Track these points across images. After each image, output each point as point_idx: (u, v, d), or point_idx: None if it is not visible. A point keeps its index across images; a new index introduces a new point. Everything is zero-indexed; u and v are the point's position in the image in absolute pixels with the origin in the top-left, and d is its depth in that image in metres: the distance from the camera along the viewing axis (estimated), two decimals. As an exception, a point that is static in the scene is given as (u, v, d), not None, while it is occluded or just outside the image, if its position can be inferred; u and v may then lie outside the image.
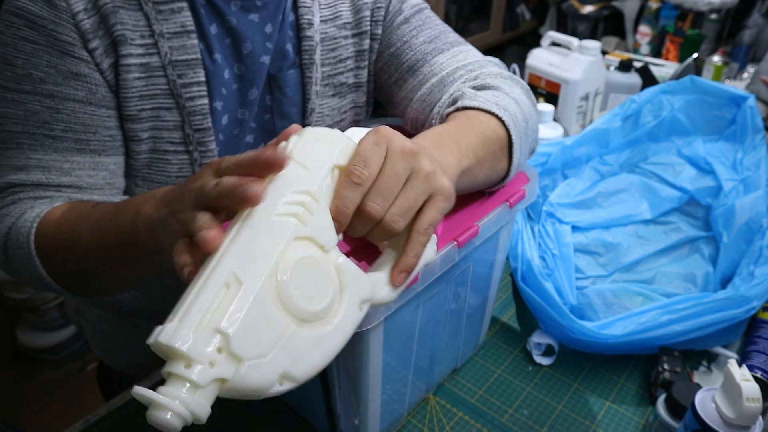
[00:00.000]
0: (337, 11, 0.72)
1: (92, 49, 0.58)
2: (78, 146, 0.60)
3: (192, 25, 0.61)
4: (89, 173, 0.62)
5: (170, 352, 0.33)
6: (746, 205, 0.83)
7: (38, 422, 1.71)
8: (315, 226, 0.38)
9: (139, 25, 0.59)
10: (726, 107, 0.97)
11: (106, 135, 0.62)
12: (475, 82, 0.66)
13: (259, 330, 0.34)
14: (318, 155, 0.41)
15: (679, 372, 0.70)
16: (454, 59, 0.70)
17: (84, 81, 0.59)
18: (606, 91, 1.37)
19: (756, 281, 0.74)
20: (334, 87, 0.75)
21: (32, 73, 0.57)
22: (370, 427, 0.62)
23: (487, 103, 0.60)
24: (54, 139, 0.59)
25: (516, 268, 0.81)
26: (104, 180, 0.63)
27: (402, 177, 0.42)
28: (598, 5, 2.21)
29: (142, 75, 0.61)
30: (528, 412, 0.71)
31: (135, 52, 0.60)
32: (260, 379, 0.33)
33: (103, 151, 0.62)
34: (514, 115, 0.61)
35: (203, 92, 0.63)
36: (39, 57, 0.57)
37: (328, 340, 0.37)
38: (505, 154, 0.60)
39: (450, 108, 0.63)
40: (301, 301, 0.36)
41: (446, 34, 0.74)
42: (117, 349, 0.86)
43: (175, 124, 0.64)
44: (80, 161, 0.61)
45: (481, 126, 0.57)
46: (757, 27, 1.74)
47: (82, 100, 0.59)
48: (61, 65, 0.58)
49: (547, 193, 0.96)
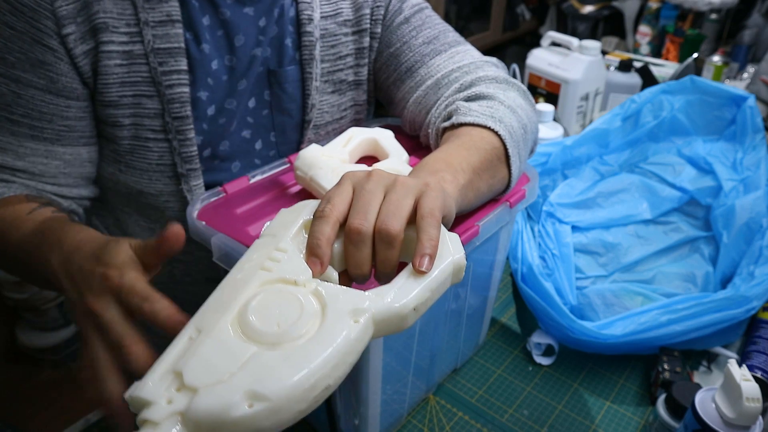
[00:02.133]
0: (337, 8, 0.72)
1: (66, 35, 0.59)
2: (32, 132, 0.62)
3: (178, 15, 0.62)
4: (42, 161, 0.63)
5: (136, 402, 0.35)
6: (746, 205, 0.83)
7: (38, 422, 1.70)
8: (283, 269, 0.40)
9: (126, 13, 0.60)
10: (726, 107, 0.97)
11: (61, 125, 0.63)
12: (469, 92, 0.65)
13: (214, 361, 0.35)
14: (286, 221, 0.43)
15: (679, 372, 0.70)
16: (450, 61, 0.70)
17: (47, 69, 0.60)
18: (606, 91, 1.37)
19: (756, 281, 0.74)
20: (334, 84, 0.75)
21: (6, 57, 0.59)
22: (370, 427, 0.62)
23: (482, 117, 0.60)
24: (12, 123, 0.61)
25: (516, 268, 0.81)
26: (57, 169, 0.64)
27: (377, 193, 0.43)
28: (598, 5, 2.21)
29: (124, 62, 0.62)
30: (528, 412, 0.71)
31: (117, 39, 0.61)
32: (218, 401, 0.33)
33: (57, 140, 0.63)
34: (510, 126, 0.61)
35: (184, 80, 0.64)
36: (14, 42, 0.59)
37: (300, 354, 0.36)
38: (504, 163, 0.60)
39: (445, 123, 0.63)
40: (263, 326, 0.36)
41: (445, 34, 0.74)
42: (116, 348, 0.86)
43: (155, 112, 0.64)
44: (34, 148, 0.62)
45: (474, 140, 0.58)
46: (757, 27, 1.74)
47: (42, 88, 0.61)
48: (30, 52, 0.59)
49: (547, 193, 0.96)
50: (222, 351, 0.35)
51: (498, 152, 0.59)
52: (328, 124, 0.77)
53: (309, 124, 0.74)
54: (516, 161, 0.60)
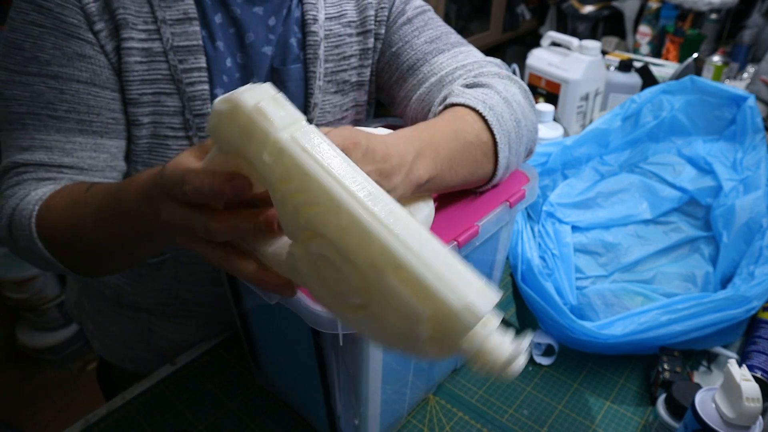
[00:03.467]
0: (342, 10, 0.73)
1: (97, 31, 0.59)
2: (80, 127, 0.61)
3: (194, 13, 0.63)
4: (91, 155, 0.62)
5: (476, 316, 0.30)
6: (746, 205, 0.83)
7: (38, 422, 1.71)
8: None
9: (143, 11, 0.61)
10: (726, 107, 0.97)
11: (109, 117, 0.62)
12: (470, 80, 0.66)
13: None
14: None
15: (679, 372, 0.70)
16: (453, 59, 0.70)
17: (88, 62, 0.60)
18: (606, 91, 1.37)
19: (756, 281, 0.74)
20: (337, 84, 0.75)
21: (38, 56, 0.59)
22: (370, 427, 0.62)
23: (473, 100, 0.60)
24: (57, 120, 0.60)
25: (516, 268, 0.81)
26: (105, 162, 0.63)
27: None
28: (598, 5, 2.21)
29: (144, 59, 0.62)
30: (528, 412, 0.71)
31: (137, 36, 0.61)
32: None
33: (105, 133, 0.63)
34: (500, 115, 0.60)
35: (204, 78, 0.64)
36: (45, 40, 0.58)
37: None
38: (490, 158, 0.60)
39: (439, 107, 0.63)
40: None
41: (448, 35, 0.74)
42: (116, 343, 0.86)
43: (175, 110, 0.64)
44: (82, 142, 0.62)
45: (464, 130, 0.57)
46: (757, 27, 1.74)
47: (86, 81, 0.60)
48: (66, 46, 0.59)
49: (547, 193, 0.96)
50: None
51: (485, 147, 0.58)
52: (330, 124, 0.77)
53: (310, 123, 0.74)
54: (504, 153, 0.60)
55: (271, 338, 0.66)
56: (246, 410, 0.70)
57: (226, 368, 0.76)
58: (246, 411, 0.70)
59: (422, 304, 0.29)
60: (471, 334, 0.31)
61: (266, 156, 0.33)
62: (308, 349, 0.56)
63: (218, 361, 0.77)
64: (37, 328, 1.84)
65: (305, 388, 0.64)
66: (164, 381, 0.74)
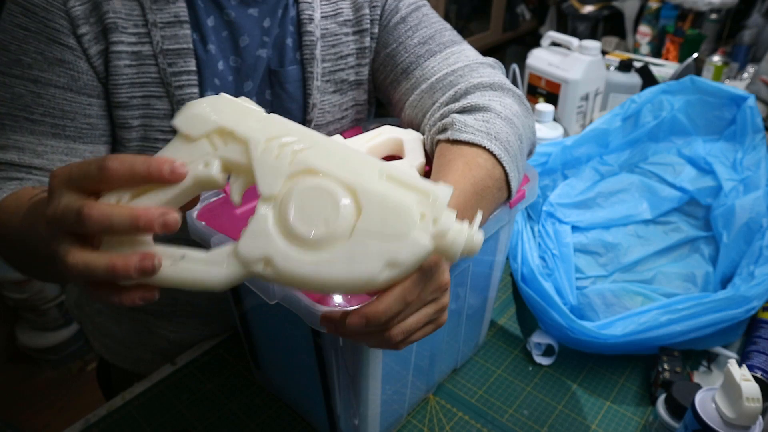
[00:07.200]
0: (337, 8, 0.72)
1: (81, 35, 0.59)
2: (54, 131, 0.62)
3: (185, 16, 0.63)
4: (62, 158, 0.63)
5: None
6: (746, 205, 0.83)
7: (38, 422, 1.71)
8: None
9: (134, 14, 0.61)
10: (726, 107, 0.97)
11: (83, 122, 0.63)
12: (464, 102, 0.63)
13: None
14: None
15: (679, 372, 0.70)
16: (445, 63, 0.69)
17: (67, 68, 0.60)
18: (606, 91, 1.37)
19: (756, 281, 0.74)
20: (335, 83, 0.75)
21: (22, 59, 0.59)
22: (370, 427, 0.62)
23: (478, 135, 0.58)
24: (32, 122, 0.61)
25: (516, 268, 0.81)
26: None
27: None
28: (598, 5, 2.21)
29: (133, 63, 0.62)
30: (528, 412, 0.71)
31: (126, 40, 0.61)
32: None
33: (78, 137, 0.63)
34: (507, 142, 0.59)
35: (193, 81, 0.64)
36: (29, 43, 0.59)
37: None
38: (504, 188, 0.59)
39: (440, 135, 0.61)
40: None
41: (441, 33, 0.73)
42: (116, 343, 0.86)
43: (165, 113, 0.65)
44: (54, 145, 0.62)
45: (480, 176, 0.55)
46: (757, 27, 1.74)
47: (63, 86, 0.61)
48: (47, 51, 0.59)
49: (547, 193, 0.96)
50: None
51: (499, 183, 0.57)
52: (330, 124, 0.77)
53: (310, 123, 0.74)
54: (515, 180, 0.59)
55: (271, 338, 0.66)
56: (246, 410, 0.70)
57: (226, 368, 0.76)
58: (246, 411, 0.70)
59: (409, 190, 0.39)
60: (445, 215, 0.39)
61: (254, 123, 0.41)
62: (308, 349, 0.56)
63: (218, 361, 0.77)
64: (37, 328, 1.84)
65: (305, 388, 0.64)
66: (164, 381, 0.74)
